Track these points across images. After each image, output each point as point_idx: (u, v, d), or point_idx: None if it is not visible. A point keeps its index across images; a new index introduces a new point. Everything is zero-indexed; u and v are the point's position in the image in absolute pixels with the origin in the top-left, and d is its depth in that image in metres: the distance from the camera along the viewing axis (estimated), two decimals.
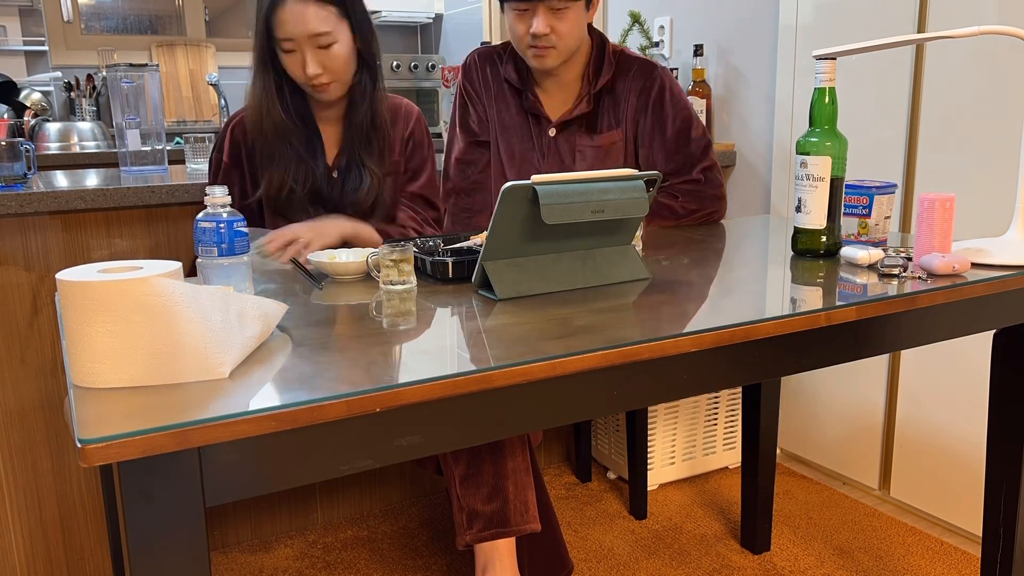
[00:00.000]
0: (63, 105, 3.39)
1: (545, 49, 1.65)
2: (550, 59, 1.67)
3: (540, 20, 1.61)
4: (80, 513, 1.81)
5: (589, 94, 1.74)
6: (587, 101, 1.74)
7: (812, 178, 1.35)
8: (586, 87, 1.75)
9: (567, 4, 1.60)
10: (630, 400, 0.99)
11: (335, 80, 1.60)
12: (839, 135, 1.35)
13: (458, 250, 1.35)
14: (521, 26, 1.65)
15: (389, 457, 0.85)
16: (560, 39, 1.64)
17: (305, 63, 1.55)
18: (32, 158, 1.77)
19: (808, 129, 1.37)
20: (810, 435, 2.36)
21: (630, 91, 1.76)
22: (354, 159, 1.68)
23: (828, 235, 1.37)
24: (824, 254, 1.38)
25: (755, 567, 1.88)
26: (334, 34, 1.56)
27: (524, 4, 1.61)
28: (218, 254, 1.10)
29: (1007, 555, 1.45)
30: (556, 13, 1.61)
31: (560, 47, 1.65)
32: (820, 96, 1.35)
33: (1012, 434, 1.41)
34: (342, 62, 1.59)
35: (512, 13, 1.65)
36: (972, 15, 1.82)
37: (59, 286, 0.83)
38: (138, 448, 0.72)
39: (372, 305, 1.14)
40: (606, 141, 1.76)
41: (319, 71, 1.56)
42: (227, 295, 0.88)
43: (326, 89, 1.60)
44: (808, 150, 1.35)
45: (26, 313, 1.68)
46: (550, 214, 1.14)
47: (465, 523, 1.53)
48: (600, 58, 1.75)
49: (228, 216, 1.11)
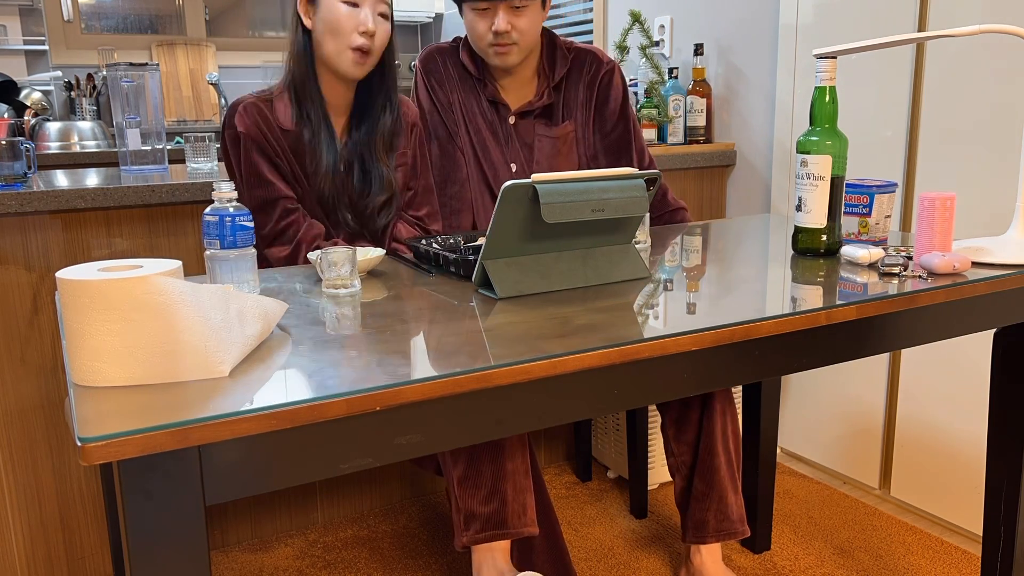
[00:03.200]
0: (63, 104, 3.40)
1: (507, 46, 1.70)
2: (512, 56, 1.72)
3: (501, 18, 1.66)
4: (80, 512, 1.81)
5: (548, 87, 1.80)
6: (547, 94, 1.81)
7: (813, 177, 1.35)
8: (544, 82, 1.81)
9: (526, 2, 1.66)
10: (630, 399, 0.99)
11: (374, 56, 1.58)
12: (840, 134, 1.35)
13: (478, 248, 1.35)
14: (482, 24, 1.69)
15: (389, 456, 0.85)
16: (521, 36, 1.69)
17: (361, 18, 1.53)
18: (32, 157, 1.77)
19: (808, 128, 1.37)
20: (810, 434, 2.36)
21: (580, 83, 1.84)
22: (369, 158, 1.65)
23: (828, 234, 1.37)
24: (824, 253, 1.38)
25: (755, 566, 1.88)
26: (388, 12, 1.58)
27: (485, 3, 1.66)
28: (222, 246, 1.12)
29: (1007, 554, 1.45)
30: (516, 11, 1.66)
31: (521, 44, 1.70)
32: (821, 95, 1.35)
33: (1012, 433, 1.41)
34: (384, 38, 1.58)
35: (472, 13, 1.70)
36: (972, 14, 1.82)
37: (59, 285, 0.83)
38: (138, 446, 0.72)
39: (372, 304, 1.14)
40: (560, 132, 1.82)
41: (374, 29, 1.54)
42: (227, 294, 0.88)
43: (364, 63, 1.57)
44: (808, 149, 1.35)
45: (26, 312, 1.68)
46: (550, 213, 1.14)
47: (462, 524, 1.52)
48: (552, 53, 1.81)
49: (234, 210, 1.12)
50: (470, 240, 1.45)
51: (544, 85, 1.81)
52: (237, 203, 1.13)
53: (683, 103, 2.54)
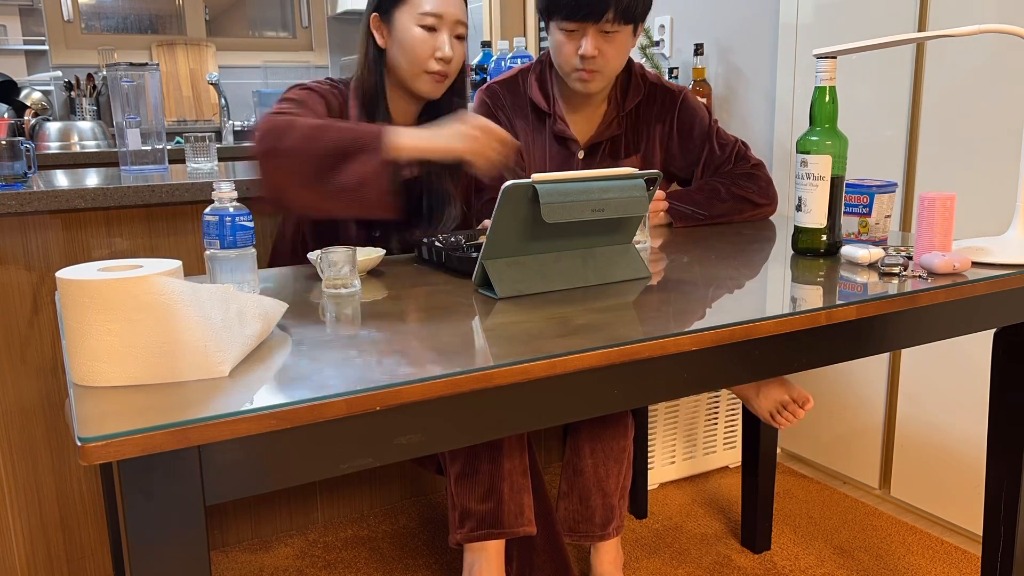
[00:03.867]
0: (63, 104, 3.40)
1: (591, 73, 1.61)
2: (595, 83, 1.63)
3: (589, 42, 1.57)
4: (80, 512, 1.81)
5: (618, 116, 1.72)
6: (617, 123, 1.72)
7: (813, 177, 1.35)
8: (614, 109, 1.72)
9: (617, 28, 1.57)
10: (630, 399, 0.99)
11: (451, 78, 1.56)
12: (840, 134, 1.35)
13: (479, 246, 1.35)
14: (568, 47, 1.60)
15: (389, 456, 0.85)
16: (607, 63, 1.60)
17: (438, 43, 1.50)
18: (32, 157, 1.77)
19: (808, 128, 1.37)
20: (810, 434, 2.36)
21: (654, 122, 1.75)
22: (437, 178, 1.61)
23: (828, 234, 1.37)
24: (824, 253, 1.39)
25: (755, 566, 1.88)
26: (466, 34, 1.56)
27: (574, 24, 1.57)
28: (222, 246, 1.12)
29: (1007, 554, 1.45)
30: (606, 36, 1.58)
31: (606, 71, 1.62)
32: (821, 95, 1.35)
33: (1013, 433, 1.41)
34: (461, 60, 1.56)
35: (560, 33, 1.61)
36: (972, 14, 1.82)
37: (59, 285, 0.83)
38: (138, 446, 0.72)
39: (372, 303, 1.14)
40: (629, 164, 1.74)
41: (451, 55, 1.52)
42: (227, 293, 0.88)
43: (443, 83, 1.55)
44: (808, 149, 1.35)
45: (26, 312, 1.68)
46: (550, 213, 1.14)
47: (457, 521, 1.52)
48: (627, 79, 1.73)
49: (234, 210, 1.12)
50: (472, 239, 1.45)
51: (613, 114, 1.72)
52: (237, 203, 1.13)
53: None
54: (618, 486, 1.70)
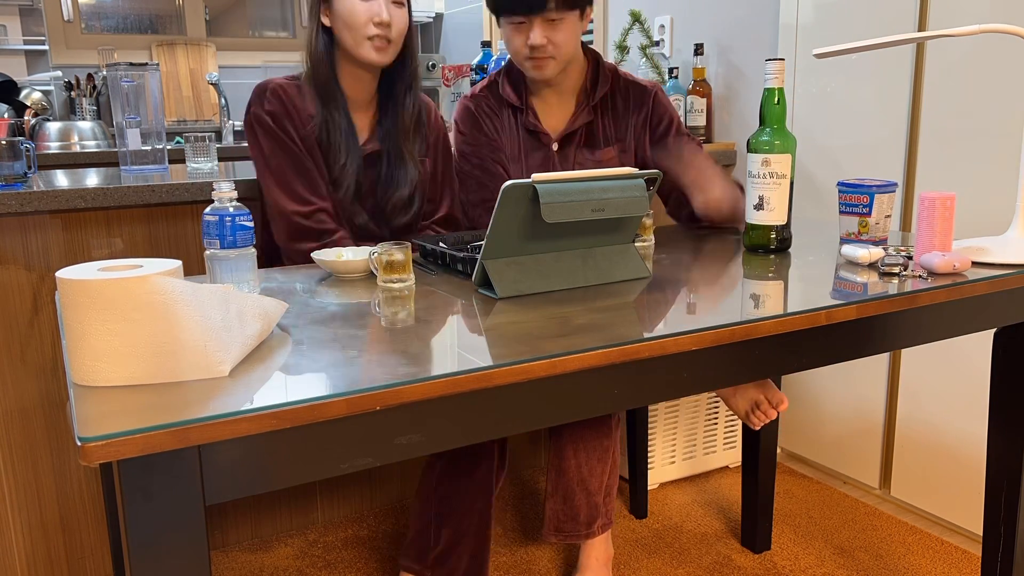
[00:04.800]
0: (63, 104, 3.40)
1: (543, 60, 1.67)
2: (548, 69, 1.69)
3: (537, 32, 1.63)
4: (80, 512, 1.81)
5: (588, 105, 1.76)
6: (587, 111, 1.76)
7: (776, 176, 1.40)
8: (584, 99, 1.77)
9: (562, 15, 1.63)
10: (630, 398, 0.99)
11: (395, 43, 1.59)
12: (789, 133, 1.41)
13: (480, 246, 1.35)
14: (518, 38, 1.67)
15: (389, 455, 0.85)
16: (557, 49, 1.66)
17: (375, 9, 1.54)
18: (32, 157, 1.77)
19: (759, 128, 1.43)
20: (810, 434, 2.36)
21: (630, 113, 1.79)
22: (395, 147, 1.65)
23: (779, 231, 1.43)
24: (775, 249, 1.44)
25: (755, 566, 1.88)
26: None
27: (520, 17, 1.64)
28: (222, 246, 1.12)
29: (1007, 554, 1.45)
30: (552, 24, 1.64)
31: (558, 56, 1.67)
32: (770, 96, 1.43)
33: (1013, 433, 1.41)
34: (402, 26, 1.59)
35: (508, 27, 1.68)
36: (972, 14, 1.82)
37: (59, 284, 0.83)
38: (138, 446, 0.72)
39: (373, 303, 1.15)
40: (605, 156, 1.78)
41: (388, 19, 1.55)
42: (227, 293, 0.88)
43: (386, 48, 1.58)
44: (768, 148, 1.40)
45: (26, 312, 1.68)
46: (550, 213, 1.14)
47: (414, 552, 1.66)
48: (596, 73, 1.78)
49: (234, 210, 1.12)
50: (476, 240, 1.45)
51: (583, 104, 1.77)
52: (237, 203, 1.13)
53: (683, 103, 2.54)
54: (602, 485, 1.72)
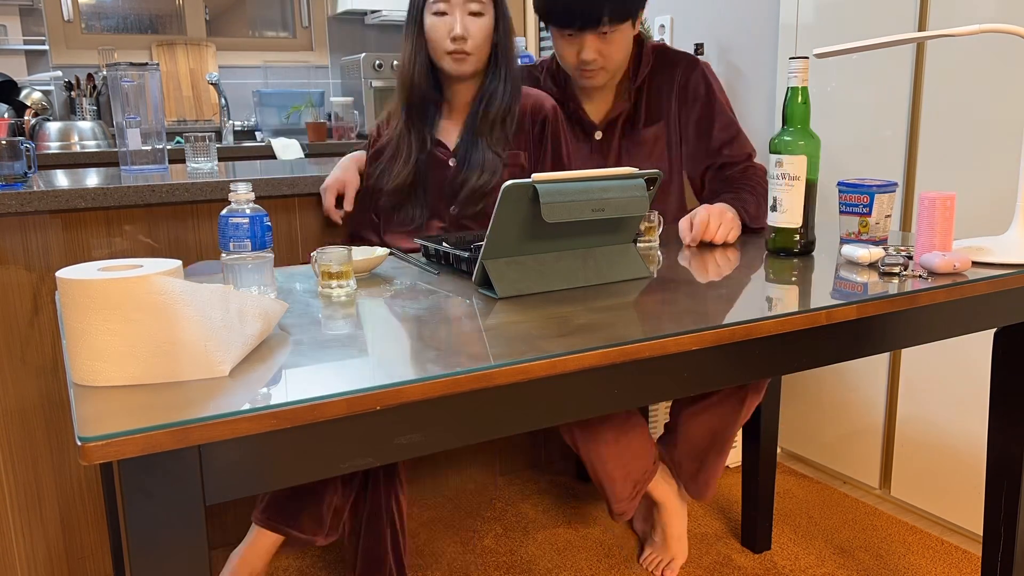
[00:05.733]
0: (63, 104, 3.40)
1: (594, 71, 1.64)
2: (599, 79, 1.66)
3: (589, 48, 1.60)
4: (80, 511, 1.81)
5: (629, 90, 1.73)
6: (628, 96, 1.73)
7: (788, 177, 1.37)
8: (626, 84, 1.74)
9: (614, 28, 1.59)
10: (630, 398, 0.99)
11: (474, 53, 1.61)
12: (812, 134, 1.37)
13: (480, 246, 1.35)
14: (568, 49, 1.64)
15: (389, 455, 0.85)
16: (608, 60, 1.63)
17: (450, 24, 1.58)
18: (32, 157, 1.77)
19: (781, 128, 1.39)
20: (810, 434, 2.36)
21: (663, 85, 1.74)
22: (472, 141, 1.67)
23: (802, 233, 1.39)
24: (799, 252, 1.41)
25: (755, 566, 1.88)
26: (487, 8, 1.61)
27: (571, 30, 1.60)
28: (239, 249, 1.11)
29: (1008, 554, 1.45)
30: (604, 38, 1.60)
31: (609, 67, 1.65)
32: (793, 95, 1.37)
33: (1013, 433, 1.41)
34: (480, 37, 1.61)
35: (559, 36, 1.64)
36: (973, 14, 1.82)
37: (59, 284, 0.83)
38: (138, 446, 0.72)
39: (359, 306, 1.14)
40: (649, 136, 1.75)
41: (462, 32, 1.58)
42: (227, 293, 0.88)
43: (464, 59, 1.61)
44: (783, 149, 1.37)
45: (26, 312, 1.68)
46: (550, 212, 1.14)
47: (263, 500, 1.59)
48: (638, 55, 1.74)
49: (251, 212, 1.11)
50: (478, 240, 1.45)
51: (625, 88, 1.74)
52: (255, 204, 1.12)
53: None
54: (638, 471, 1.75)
